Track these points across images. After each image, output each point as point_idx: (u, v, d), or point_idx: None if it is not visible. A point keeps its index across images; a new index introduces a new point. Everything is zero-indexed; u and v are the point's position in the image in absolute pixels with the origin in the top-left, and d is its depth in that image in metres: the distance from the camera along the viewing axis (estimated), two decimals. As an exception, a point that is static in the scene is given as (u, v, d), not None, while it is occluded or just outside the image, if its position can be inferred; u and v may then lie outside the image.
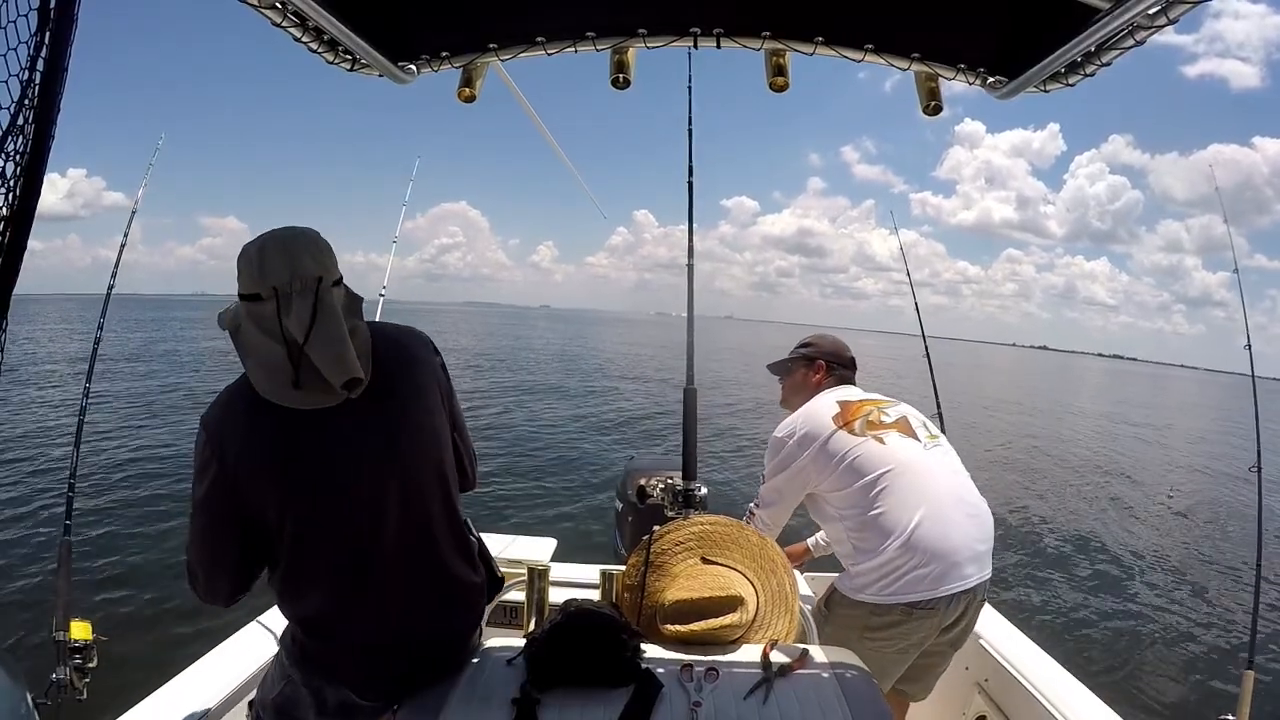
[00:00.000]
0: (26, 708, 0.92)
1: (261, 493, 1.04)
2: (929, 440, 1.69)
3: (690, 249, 2.01)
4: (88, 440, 3.88)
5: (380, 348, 1.11)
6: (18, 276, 0.56)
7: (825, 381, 1.88)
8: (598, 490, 7.71)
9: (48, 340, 25.65)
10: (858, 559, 1.59)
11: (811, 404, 1.78)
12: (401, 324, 1.25)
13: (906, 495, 1.55)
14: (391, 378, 1.11)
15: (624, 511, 2.88)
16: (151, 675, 1.57)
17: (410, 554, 1.13)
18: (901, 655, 1.59)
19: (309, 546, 1.09)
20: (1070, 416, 23.60)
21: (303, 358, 0.98)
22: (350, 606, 1.12)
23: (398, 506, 1.10)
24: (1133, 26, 1.18)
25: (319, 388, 1.01)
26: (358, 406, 1.05)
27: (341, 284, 1.07)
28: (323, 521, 1.07)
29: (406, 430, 1.11)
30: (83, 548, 4.94)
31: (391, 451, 1.09)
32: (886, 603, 1.53)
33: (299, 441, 1.04)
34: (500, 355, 29.23)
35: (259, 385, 1.02)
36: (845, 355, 1.93)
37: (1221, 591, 6.66)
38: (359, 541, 1.09)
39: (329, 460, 1.05)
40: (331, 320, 1.00)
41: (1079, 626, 5.49)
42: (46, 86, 0.57)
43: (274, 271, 0.99)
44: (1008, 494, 9.83)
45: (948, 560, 1.52)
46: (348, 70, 1.61)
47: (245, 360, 1.04)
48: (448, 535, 1.18)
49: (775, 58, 1.60)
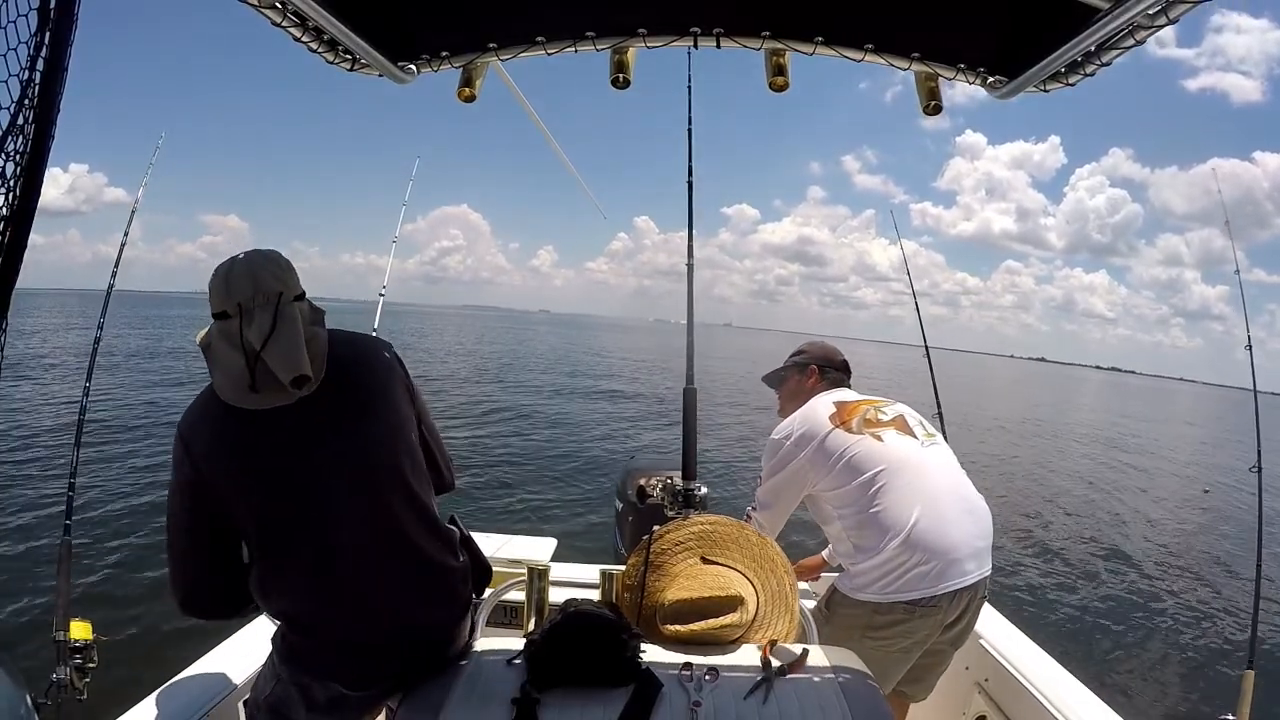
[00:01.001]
0: (26, 708, 0.92)
1: (227, 491, 1.10)
2: (926, 438, 1.70)
3: (690, 249, 2.01)
4: (88, 440, 3.89)
5: (339, 350, 1.17)
6: (18, 276, 0.56)
7: (819, 385, 1.89)
8: (598, 490, 7.71)
9: (51, 334, 25.65)
10: (857, 558, 1.59)
11: (808, 405, 1.78)
12: (359, 331, 1.32)
13: (904, 493, 1.55)
14: (350, 376, 1.17)
15: (624, 511, 2.88)
16: (151, 675, 1.57)
17: (380, 545, 1.15)
18: (904, 655, 1.59)
19: (278, 543, 1.12)
20: (1071, 427, 23.60)
21: (259, 363, 1.06)
22: (327, 600, 1.14)
23: (361, 499, 1.13)
24: (1133, 26, 1.18)
25: (274, 389, 1.07)
26: (316, 405, 1.11)
27: (304, 299, 1.15)
28: (288, 517, 1.11)
29: (365, 425, 1.16)
30: (83, 548, 4.94)
31: (351, 445, 1.13)
32: (888, 601, 1.53)
33: (259, 440, 1.10)
34: (501, 358, 29.26)
35: (221, 391, 1.10)
36: (837, 359, 1.94)
37: (1221, 591, 6.66)
38: (326, 535, 1.12)
39: (287, 456, 1.10)
40: (289, 329, 1.08)
41: (1079, 626, 5.50)
42: (46, 86, 0.57)
43: (239, 289, 1.08)
44: (1008, 495, 9.83)
45: (947, 557, 1.52)
46: (348, 70, 1.61)
47: (212, 372, 1.11)
48: (418, 526, 1.19)
49: (775, 58, 1.60)
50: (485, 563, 1.35)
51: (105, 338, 2.24)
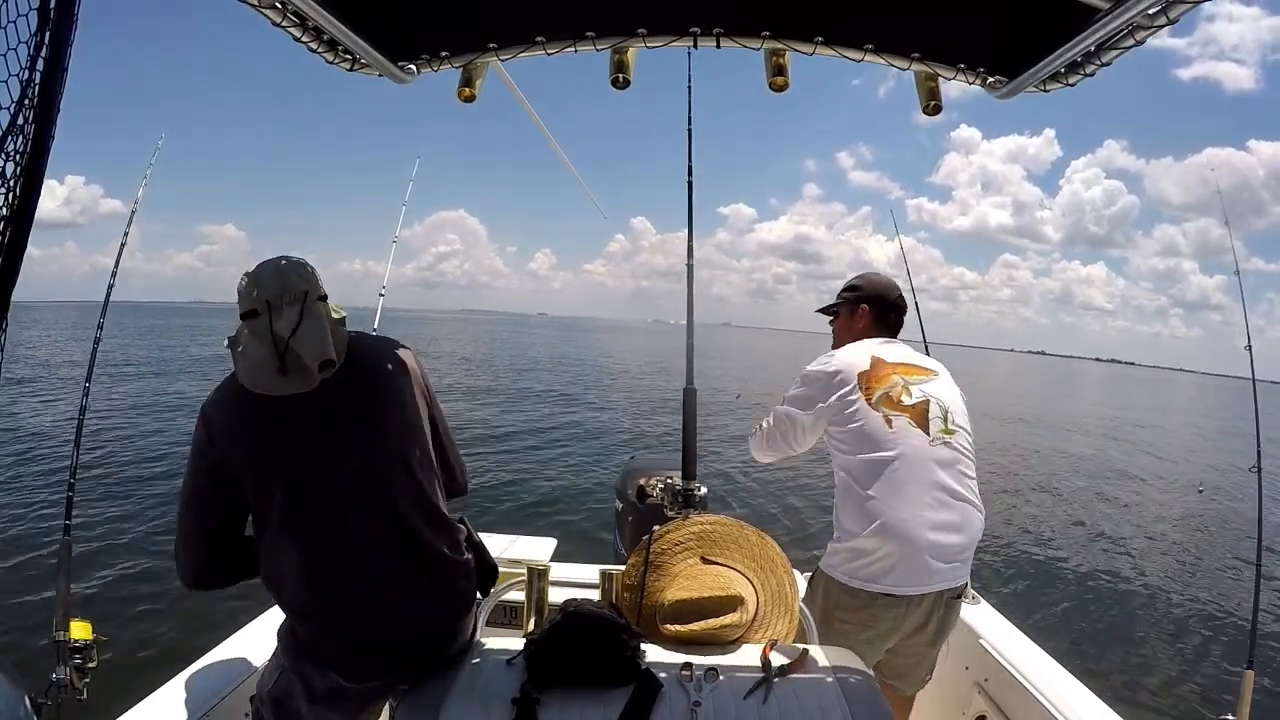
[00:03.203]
0: (25, 709, 0.92)
1: (241, 467, 1.14)
2: (940, 434, 1.61)
3: (690, 249, 2.00)
4: (88, 440, 3.89)
5: (359, 349, 1.23)
6: (18, 277, 0.56)
7: (869, 329, 1.81)
8: (597, 490, 7.71)
9: (51, 344, 25.64)
10: (839, 535, 1.61)
11: (853, 349, 1.73)
12: (390, 339, 1.37)
13: (893, 487, 1.54)
14: (367, 373, 1.22)
15: (624, 511, 2.87)
16: (151, 675, 1.57)
17: (386, 535, 1.17)
18: (869, 645, 1.57)
19: (285, 525, 1.14)
20: (1071, 420, 23.61)
21: (288, 350, 1.11)
22: (329, 589, 1.16)
23: (370, 490, 1.16)
24: (1133, 26, 1.18)
25: (299, 374, 1.13)
26: (335, 395, 1.16)
27: (326, 300, 1.21)
28: (296, 499, 1.14)
29: (379, 420, 1.20)
30: (83, 548, 4.94)
31: (363, 435, 1.17)
32: (853, 586, 1.55)
33: (277, 421, 1.15)
34: (500, 361, 29.24)
35: (244, 378, 1.14)
36: (891, 296, 1.84)
37: (1221, 591, 6.66)
38: (333, 524, 1.14)
39: (302, 439, 1.14)
40: (316, 321, 1.15)
41: (1079, 626, 5.49)
42: (46, 86, 0.57)
43: (267, 288, 1.15)
44: (1008, 495, 9.83)
45: (916, 560, 1.51)
46: (347, 70, 1.61)
47: (238, 363, 1.16)
48: (424, 520, 1.20)
49: (775, 58, 1.60)
50: (491, 563, 1.37)
51: (107, 347, 2.24)
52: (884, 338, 1.80)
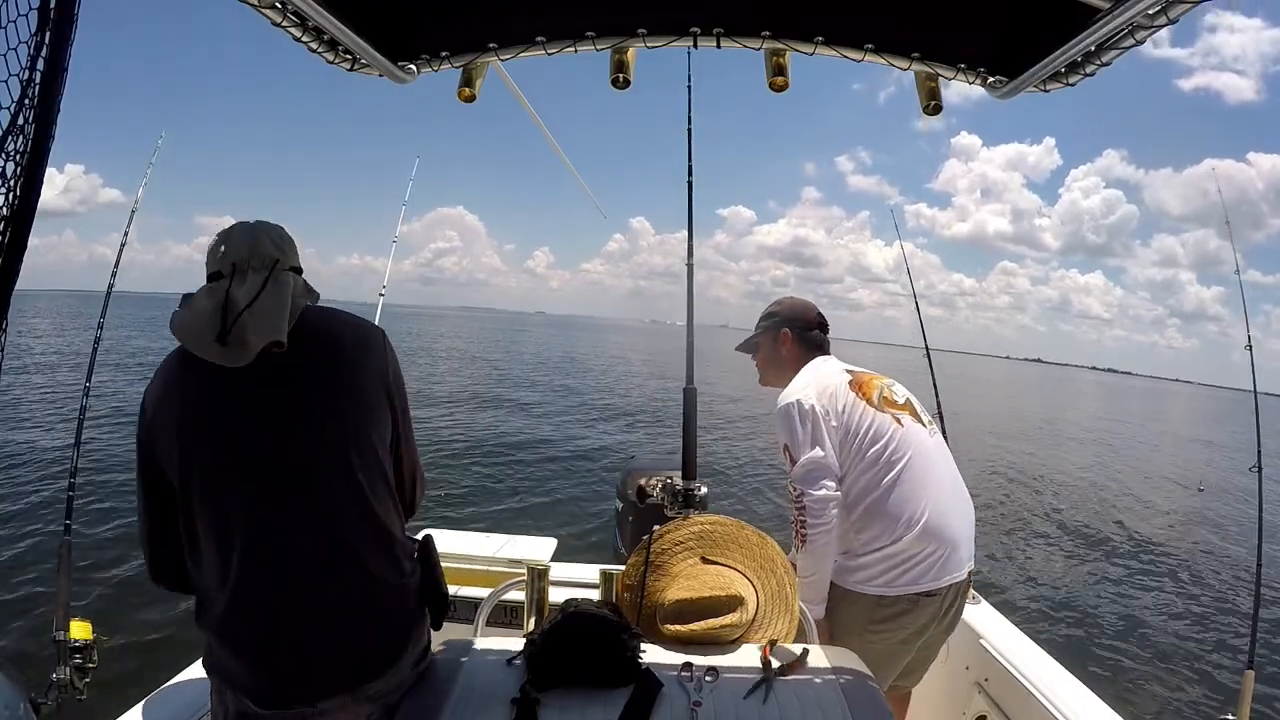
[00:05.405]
0: (24, 710, 0.92)
1: (167, 447, 1.02)
2: (930, 426, 1.70)
3: (690, 249, 2.00)
4: (88, 440, 3.88)
5: (325, 325, 1.10)
6: (18, 276, 0.56)
7: (797, 350, 1.78)
8: (598, 490, 7.70)
9: (52, 334, 25.62)
10: (860, 550, 1.58)
11: (816, 371, 1.69)
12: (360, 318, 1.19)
13: (918, 484, 1.56)
14: (327, 352, 1.08)
15: (624, 511, 2.87)
16: (151, 675, 1.57)
17: (312, 539, 1.02)
18: (904, 646, 1.60)
19: (206, 516, 1.02)
20: (1069, 427, 23.63)
21: (237, 320, 0.99)
22: (244, 595, 1.01)
23: (301, 482, 1.02)
24: (1133, 26, 1.18)
25: (237, 347, 0.99)
26: (283, 370, 1.03)
27: (301, 274, 1.12)
28: (219, 487, 1.01)
29: (327, 405, 1.05)
30: (83, 548, 4.93)
31: (302, 421, 1.03)
32: (893, 594, 1.54)
33: (210, 397, 1.02)
34: (499, 359, 29.24)
35: (177, 328, 1.03)
36: (810, 315, 1.81)
37: (1221, 591, 6.66)
38: (251, 518, 1.01)
39: (231, 413, 1.02)
40: (280, 292, 1.04)
41: (1079, 626, 5.49)
42: (46, 86, 0.57)
43: (235, 250, 1.06)
44: (1006, 495, 9.83)
45: (950, 549, 1.55)
46: (348, 70, 1.61)
47: (175, 315, 1.05)
48: (360, 529, 1.06)
49: (775, 58, 1.60)
50: (443, 592, 1.20)
51: (108, 339, 2.24)
52: (822, 356, 1.77)
